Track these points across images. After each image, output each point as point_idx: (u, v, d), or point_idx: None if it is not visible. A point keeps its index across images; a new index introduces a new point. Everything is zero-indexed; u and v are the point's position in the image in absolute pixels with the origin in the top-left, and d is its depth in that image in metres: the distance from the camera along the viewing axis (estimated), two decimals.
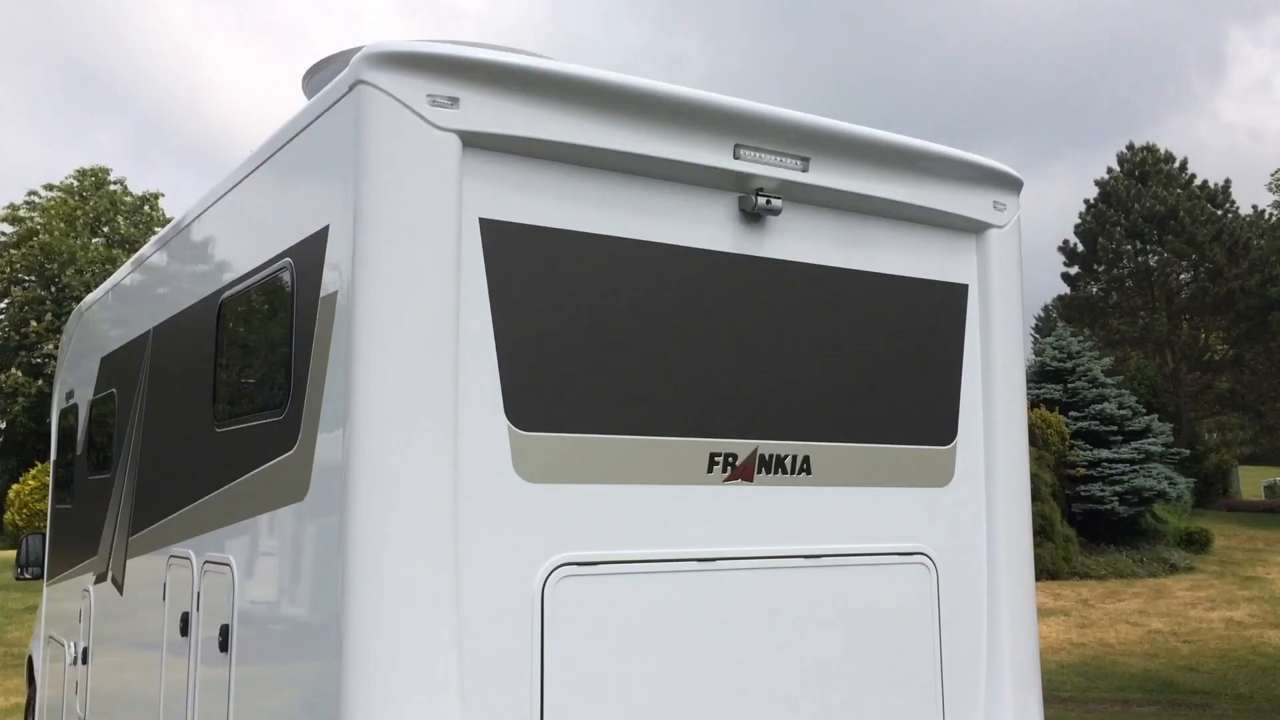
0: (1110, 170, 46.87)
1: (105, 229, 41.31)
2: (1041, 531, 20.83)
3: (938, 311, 4.15)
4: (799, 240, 3.83)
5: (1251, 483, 43.87)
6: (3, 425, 37.00)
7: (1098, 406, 24.44)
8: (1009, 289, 4.28)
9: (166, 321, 5.14)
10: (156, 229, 34.16)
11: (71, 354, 7.67)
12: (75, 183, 41.23)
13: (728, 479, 3.57)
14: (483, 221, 3.26)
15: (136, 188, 42.73)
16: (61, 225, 38.93)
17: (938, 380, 4.11)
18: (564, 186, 3.41)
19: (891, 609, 3.85)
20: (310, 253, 3.44)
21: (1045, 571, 20.23)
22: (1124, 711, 11.79)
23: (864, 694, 3.74)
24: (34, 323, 36.98)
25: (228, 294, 4.23)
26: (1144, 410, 25.61)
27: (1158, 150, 46.49)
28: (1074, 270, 47.68)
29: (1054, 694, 11.96)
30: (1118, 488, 23.35)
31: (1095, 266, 47.00)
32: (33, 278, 38.60)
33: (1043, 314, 50.46)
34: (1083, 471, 23.52)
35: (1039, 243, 42.73)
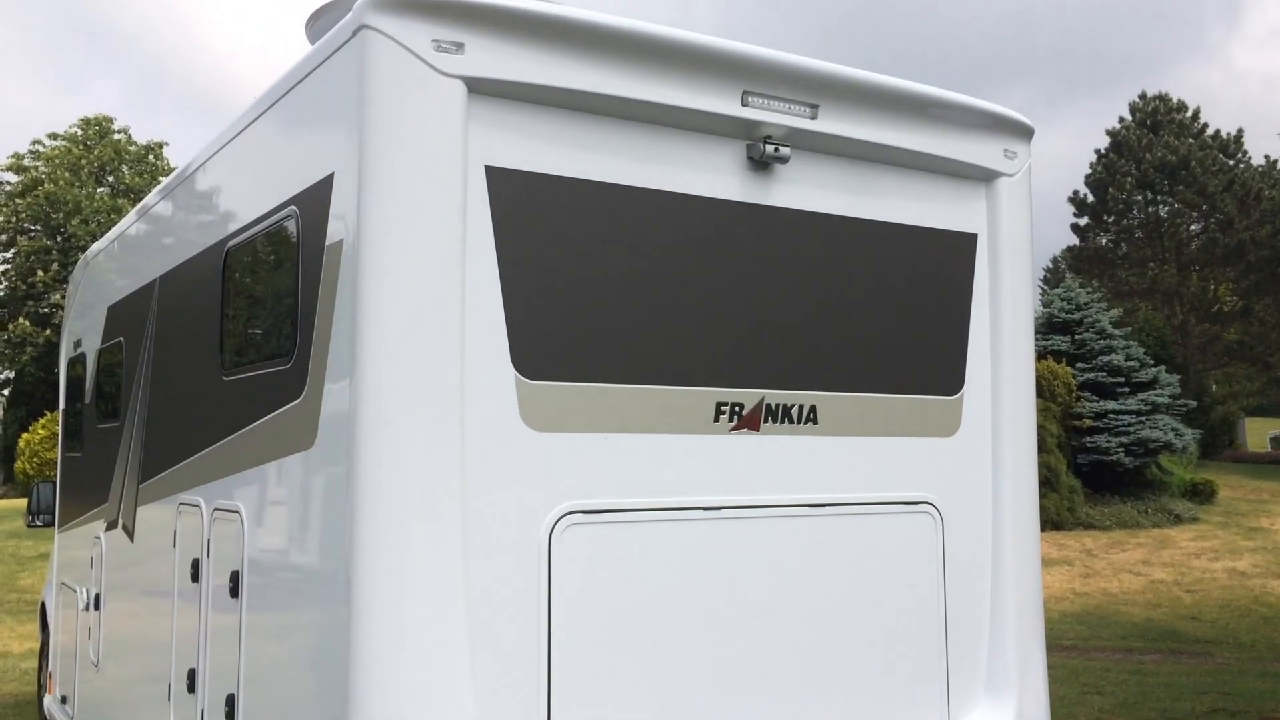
0: (1122, 119, 46.45)
1: (110, 178, 41.16)
2: (1046, 482, 20.90)
3: (946, 261, 4.12)
4: (807, 189, 3.80)
5: (1258, 434, 43.90)
6: (11, 375, 37.14)
7: (1105, 358, 24.40)
8: (1018, 239, 4.25)
9: (172, 270, 5.13)
10: (161, 178, 34.00)
11: (78, 303, 7.68)
12: (79, 131, 41.01)
13: (734, 428, 3.57)
14: (488, 169, 3.23)
15: (140, 136, 42.51)
16: (66, 174, 38.79)
17: (945, 330, 4.09)
18: (570, 134, 3.38)
19: (897, 558, 3.87)
20: (315, 201, 3.42)
21: (1050, 522, 20.32)
22: (1125, 659, 11.90)
23: (868, 642, 3.77)
24: (40, 272, 36.98)
25: (233, 243, 4.21)
26: (1151, 362, 25.57)
27: (1170, 99, 46.01)
28: (1083, 221, 47.41)
29: (1056, 642, 12.07)
30: (1124, 439, 23.38)
31: (1105, 217, 46.71)
32: (38, 227, 38.54)
33: (1051, 265, 50.26)
34: (1089, 423, 23.54)
35: (1049, 193, 42.50)
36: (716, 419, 3.54)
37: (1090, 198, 46.63)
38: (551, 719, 3.17)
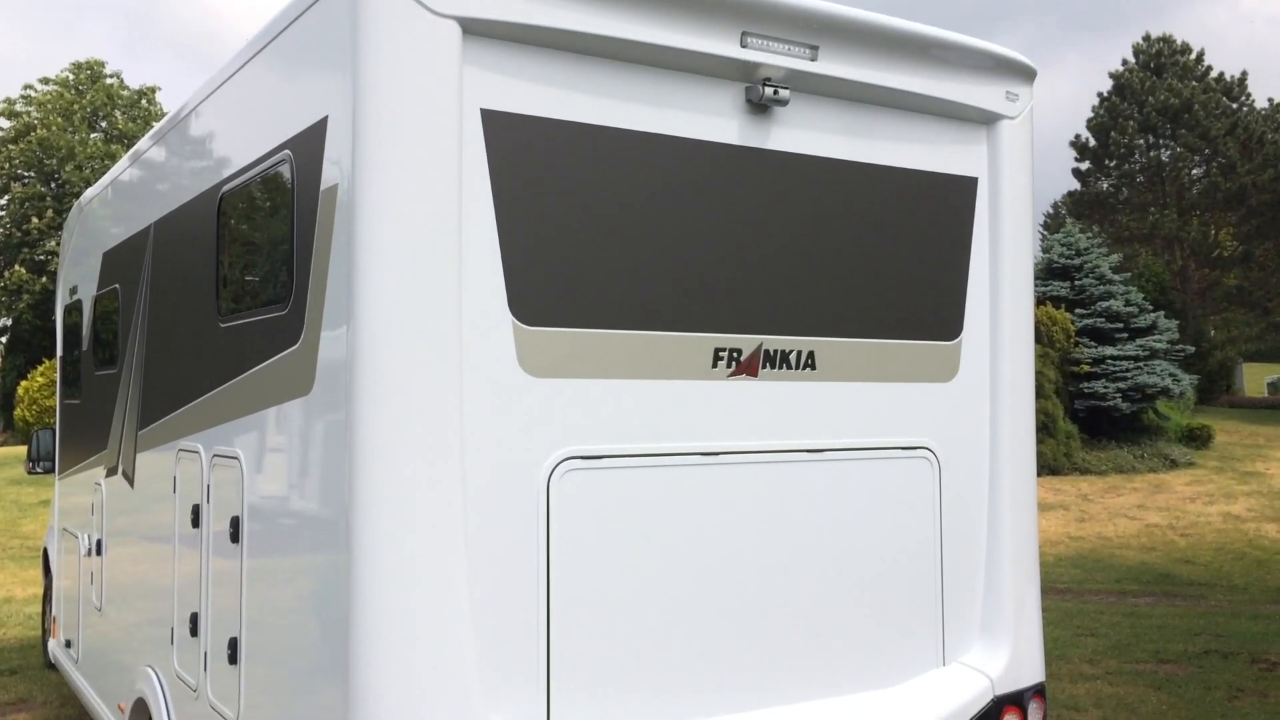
0: (1125, 62, 45.98)
1: (103, 123, 40.80)
2: (1043, 428, 20.98)
3: (946, 205, 4.09)
4: (806, 132, 3.76)
5: (1255, 379, 44.01)
6: (9, 322, 37.12)
7: (1104, 304, 24.38)
8: (1019, 183, 4.22)
9: (167, 216, 5.10)
10: (154, 124, 33.72)
11: (73, 250, 7.64)
12: (71, 76, 40.60)
13: (732, 374, 3.57)
14: (484, 112, 3.19)
15: (132, 81, 42.08)
16: (59, 120, 38.46)
17: (944, 275, 4.08)
18: (567, 76, 3.34)
19: (894, 503, 3.88)
20: (309, 144, 3.38)
21: (1046, 467, 20.44)
22: (1119, 602, 12.02)
23: (865, 585, 3.80)
24: (35, 219, 36.81)
25: (227, 187, 4.18)
26: (1150, 307, 25.55)
27: (1174, 41, 45.51)
28: (1085, 166, 47.10)
29: (1051, 585, 12.19)
30: (1121, 385, 23.44)
31: (1107, 162, 46.41)
32: (32, 174, 38.29)
33: (1051, 211, 50.05)
34: (1087, 369, 23.58)
35: (1050, 138, 42.17)
36: (715, 365, 3.54)
37: (1092, 142, 46.29)
38: (550, 660, 3.20)
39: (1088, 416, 23.57)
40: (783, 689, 3.60)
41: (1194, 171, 45.17)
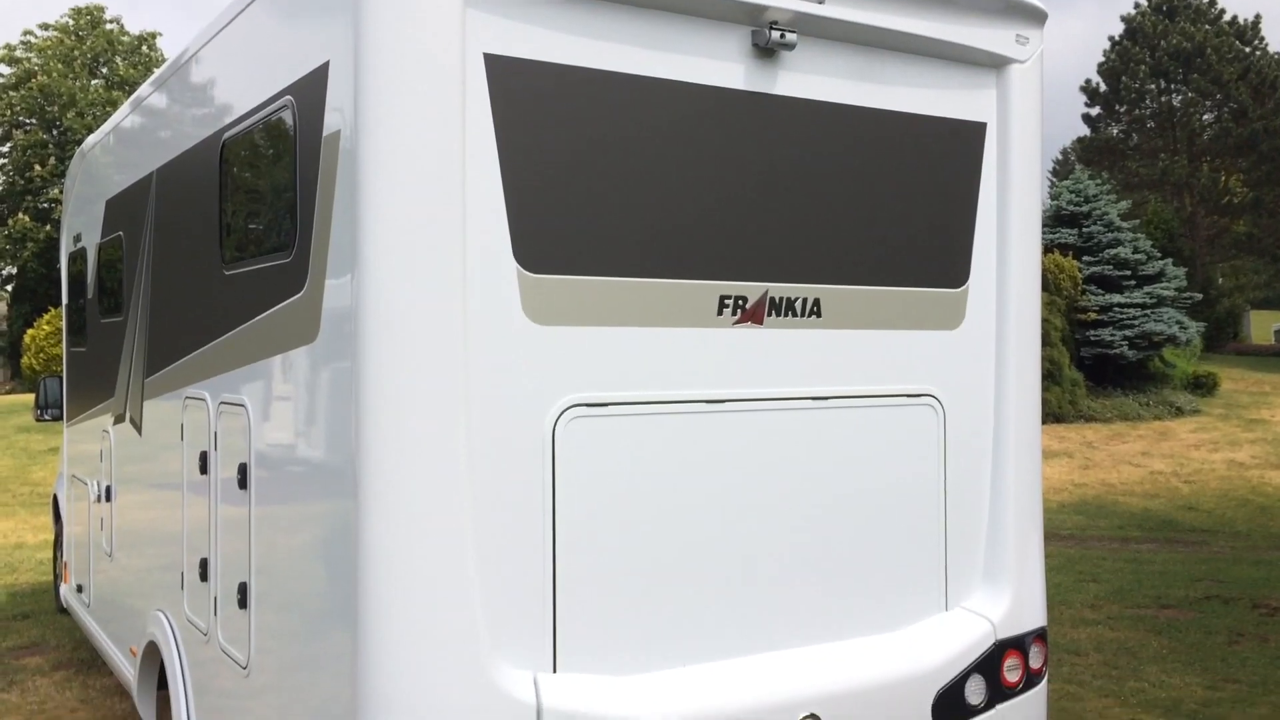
0: (1137, 5, 45.30)
1: (104, 70, 40.45)
2: (1049, 376, 20.99)
3: (954, 151, 4.05)
4: (813, 77, 3.71)
5: (1262, 327, 43.88)
6: (14, 271, 37.10)
7: (1112, 251, 24.25)
8: (1028, 128, 4.17)
9: (169, 163, 5.07)
10: (155, 70, 33.46)
11: (76, 198, 7.61)
12: (70, 22, 40.18)
13: (737, 322, 3.56)
14: (487, 57, 3.15)
15: (132, 27, 41.67)
16: (59, 66, 38.13)
17: (952, 222, 4.05)
18: (571, 20, 3.29)
19: (899, 450, 3.89)
20: (311, 90, 3.35)
21: (1051, 415, 20.48)
22: (1122, 548, 12.10)
23: (869, 532, 3.82)
24: (38, 167, 36.64)
25: (229, 134, 4.15)
26: (1159, 255, 25.41)
27: None
28: (1095, 111, 46.62)
29: (1054, 532, 12.27)
30: (1127, 332, 23.39)
31: (1117, 107, 45.93)
32: (33, 121, 38.04)
33: (1060, 157, 49.61)
34: (1093, 316, 23.51)
35: (1060, 82, 41.59)
36: (720, 312, 3.53)
37: (1103, 87, 45.77)
38: (557, 607, 3.23)
39: (1094, 364, 23.55)
40: (787, 633, 3.63)
41: (1205, 117, 44.69)
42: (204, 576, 4.39)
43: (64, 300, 7.92)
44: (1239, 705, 6.70)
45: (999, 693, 3.93)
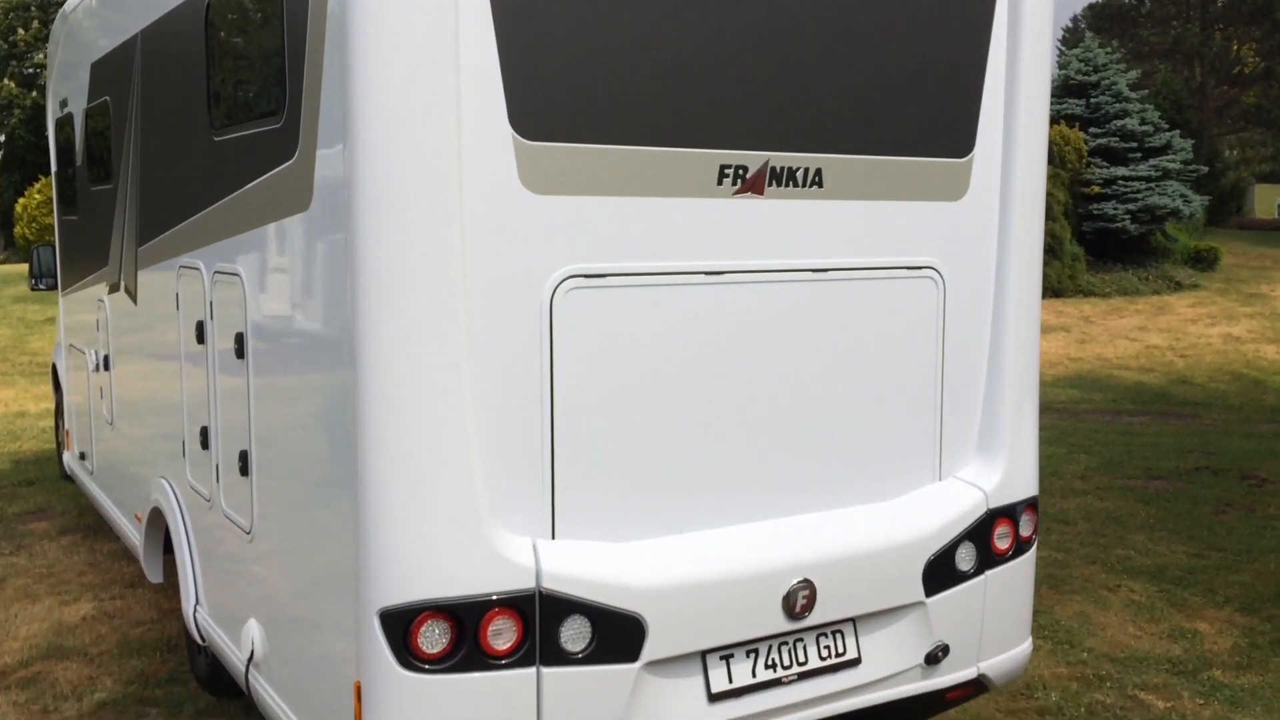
0: None
1: None
2: (1049, 250, 20.87)
3: (962, 15, 3.92)
4: None
5: (1267, 201, 43.47)
6: (2, 139, 36.50)
7: (1119, 122, 23.85)
8: None
9: (153, 25, 4.91)
10: None
11: (61, 62, 7.41)
12: None
13: (738, 192, 3.50)
14: None
15: None
16: None
17: (958, 89, 3.94)
18: None
19: (898, 322, 3.88)
20: None
21: (1050, 290, 20.45)
22: (1114, 421, 12.23)
23: (865, 403, 3.83)
24: (21, 30, 35.70)
25: None
26: (1166, 126, 25.00)
27: None
28: None
29: (1048, 406, 12.38)
30: (1131, 206, 23.19)
31: None
32: None
33: (1070, 24, 48.39)
34: (1097, 190, 23.27)
35: None
36: (720, 182, 3.46)
37: None
38: (555, 476, 3.26)
39: (1095, 238, 23.42)
40: (781, 502, 3.68)
41: None
42: (205, 445, 4.42)
43: (53, 168, 7.80)
44: (1223, 572, 6.86)
45: (988, 559, 4.01)
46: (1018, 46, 3.99)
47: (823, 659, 3.65)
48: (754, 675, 3.53)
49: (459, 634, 3.06)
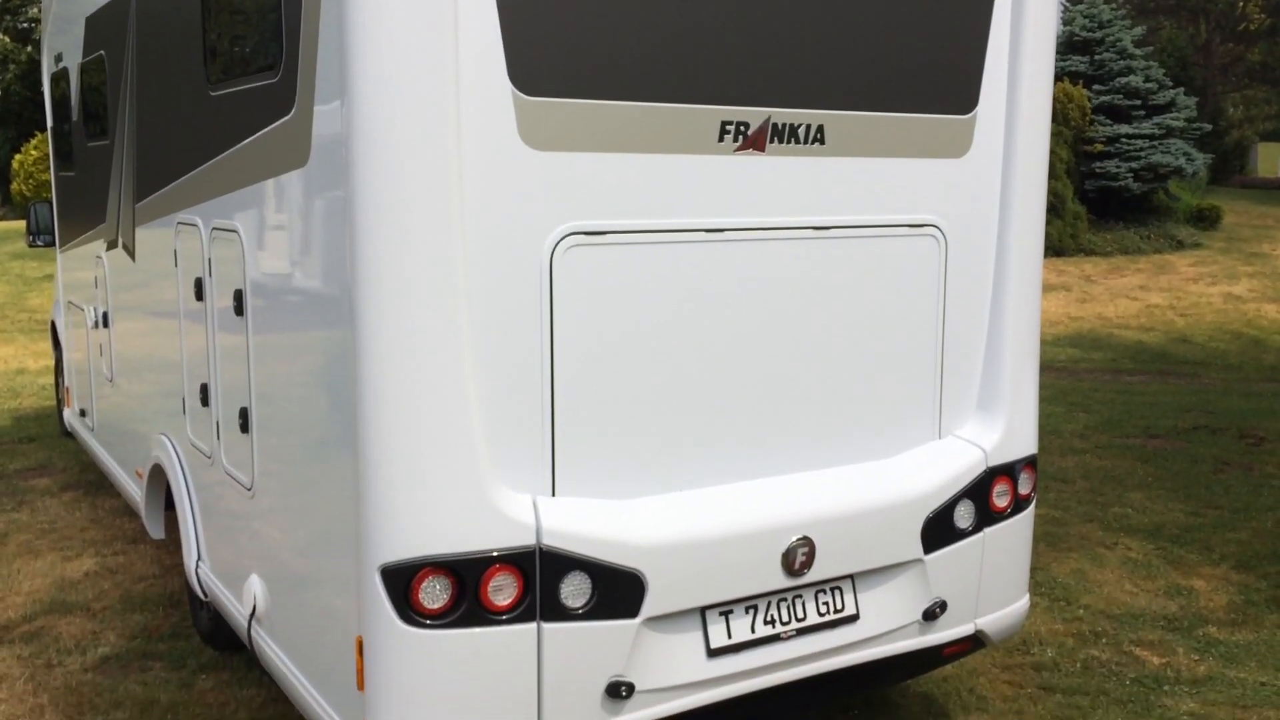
0: None
1: None
2: (1051, 209, 20.76)
3: None
4: None
5: (1270, 160, 43.18)
6: None
7: (1123, 80, 23.62)
8: None
9: None
10: None
11: (55, 16, 7.33)
12: None
13: (739, 149, 3.47)
14: None
15: None
16: None
17: (962, 45, 3.90)
18: None
19: (899, 281, 3.86)
20: None
21: (1051, 249, 20.37)
22: (1113, 380, 12.24)
23: (865, 362, 3.83)
24: None
25: None
26: (1170, 84, 24.77)
27: None
28: None
29: (1048, 364, 12.39)
30: (1133, 164, 23.02)
31: None
32: None
33: None
34: (1100, 148, 23.10)
35: None
36: (721, 139, 3.44)
37: None
38: (555, 434, 3.26)
39: (1097, 197, 23.28)
40: (781, 460, 3.69)
41: None
42: (205, 402, 4.42)
43: (49, 124, 7.74)
44: (1219, 530, 6.90)
45: (987, 517, 4.03)
46: (1022, 2, 3.95)
47: (821, 615, 3.68)
48: (753, 631, 3.55)
49: (459, 590, 3.08)
